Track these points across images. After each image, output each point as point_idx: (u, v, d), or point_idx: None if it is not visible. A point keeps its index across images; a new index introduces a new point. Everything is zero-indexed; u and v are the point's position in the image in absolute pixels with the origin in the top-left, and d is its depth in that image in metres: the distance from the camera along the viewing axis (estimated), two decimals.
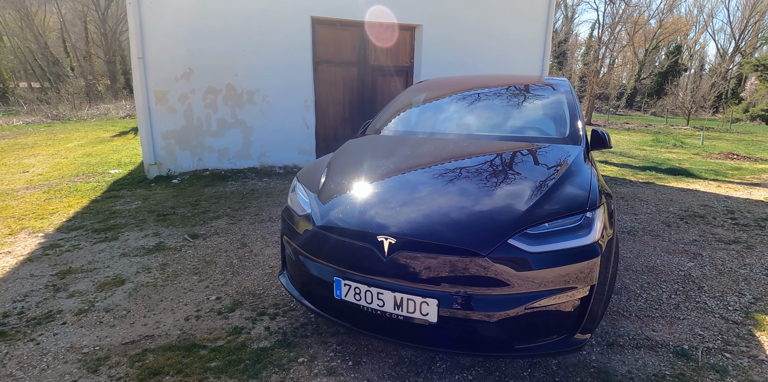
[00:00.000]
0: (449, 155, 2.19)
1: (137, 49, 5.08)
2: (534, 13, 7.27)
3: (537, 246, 1.54)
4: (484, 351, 1.59)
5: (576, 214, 1.65)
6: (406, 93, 3.20)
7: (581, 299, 1.62)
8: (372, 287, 1.64)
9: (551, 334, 1.61)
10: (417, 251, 1.57)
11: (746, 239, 3.72)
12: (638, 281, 2.81)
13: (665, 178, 6.87)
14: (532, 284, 1.53)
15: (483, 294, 1.53)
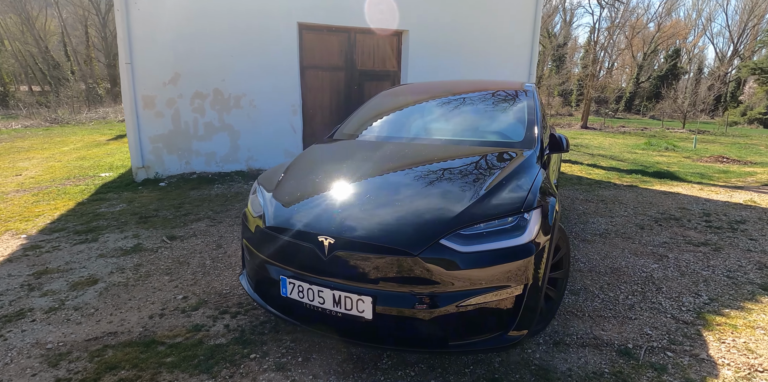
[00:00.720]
0: (400, 159, 2.27)
1: (125, 55, 5.19)
2: (521, 18, 7.38)
3: (469, 246, 1.62)
4: (419, 347, 1.66)
5: (511, 215, 1.72)
6: (375, 98, 3.29)
7: (515, 297, 1.69)
8: (313, 285, 1.72)
9: (486, 331, 1.68)
10: (354, 251, 1.64)
11: (716, 242, 3.78)
12: (599, 282, 2.87)
13: (650, 181, 6.93)
14: (464, 283, 1.60)
15: (415, 292, 1.61)
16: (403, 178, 2.03)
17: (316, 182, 2.07)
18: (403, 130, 2.78)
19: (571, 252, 3.44)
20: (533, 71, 7.80)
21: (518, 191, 1.86)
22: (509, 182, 1.92)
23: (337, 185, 2.01)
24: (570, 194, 5.69)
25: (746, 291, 2.77)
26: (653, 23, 35.01)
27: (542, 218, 1.79)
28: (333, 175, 2.12)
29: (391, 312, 1.62)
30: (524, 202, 1.78)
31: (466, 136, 2.62)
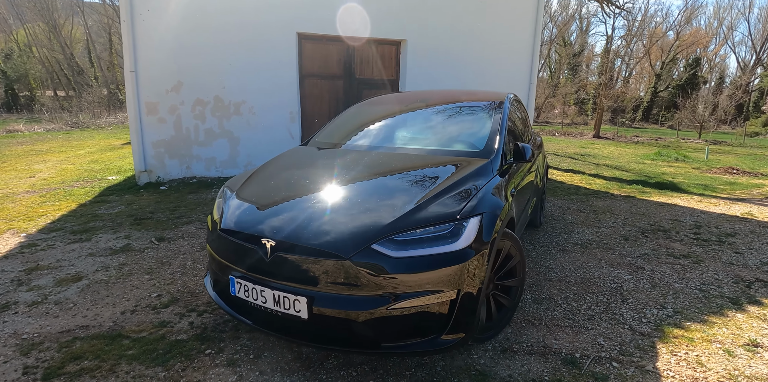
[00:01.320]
0: (356, 168, 2.36)
1: (130, 63, 5.45)
2: (521, 27, 7.43)
3: (401, 252, 1.69)
4: (352, 347, 1.74)
5: (447, 222, 1.79)
6: (353, 107, 3.40)
7: (449, 302, 1.75)
8: (257, 285, 1.81)
9: (419, 334, 1.74)
10: (292, 253, 1.74)
11: (699, 254, 3.74)
12: (565, 292, 2.89)
13: (649, 192, 6.84)
14: (395, 287, 1.67)
15: (348, 294, 1.68)
16: (353, 186, 2.12)
17: (271, 188, 2.18)
18: (371, 140, 2.87)
19: (546, 262, 3.46)
20: (533, 79, 7.82)
21: (459, 199, 1.92)
22: (453, 190, 1.99)
23: (288, 191, 2.11)
24: (563, 204, 5.68)
25: (714, 305, 2.75)
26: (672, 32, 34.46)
27: (482, 225, 1.85)
28: (288, 182, 2.23)
29: (326, 313, 1.70)
30: (462, 210, 1.85)
31: (429, 145, 2.70)
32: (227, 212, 2.08)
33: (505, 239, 2.13)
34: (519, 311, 2.59)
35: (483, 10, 7.07)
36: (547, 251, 3.71)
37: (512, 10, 7.27)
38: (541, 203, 4.48)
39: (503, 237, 2.11)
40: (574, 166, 9.88)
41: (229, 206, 2.13)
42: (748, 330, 2.42)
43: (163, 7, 5.46)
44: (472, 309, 1.81)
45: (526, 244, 3.89)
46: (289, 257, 1.74)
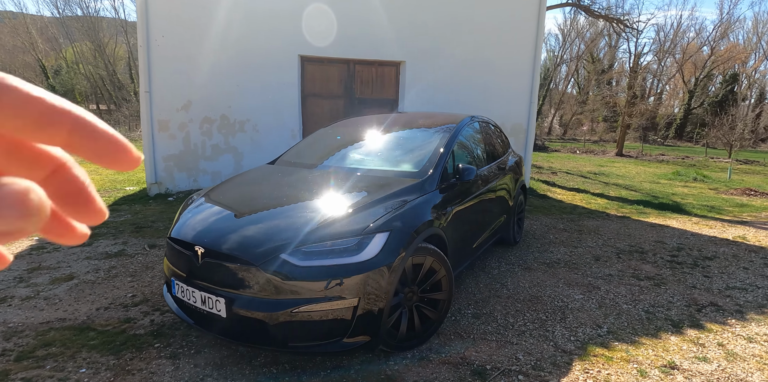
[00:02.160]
0: (297, 185, 2.62)
1: (145, 84, 6.00)
2: (521, 49, 7.60)
3: (307, 261, 1.92)
4: (263, 345, 1.96)
5: (353, 237, 2.01)
6: (323, 129, 3.69)
7: (351, 308, 1.95)
8: (189, 287, 2.08)
9: (322, 336, 1.95)
10: (216, 259, 2.00)
11: (665, 277, 3.75)
12: (508, 309, 3.00)
13: (648, 212, 6.75)
14: (300, 292, 1.90)
15: (259, 297, 1.92)
16: (284, 201, 2.37)
17: (217, 202, 2.47)
18: (325, 160, 3.13)
19: (504, 279, 3.56)
20: (534, 100, 7.93)
21: (372, 216, 2.14)
22: (371, 207, 2.21)
23: (228, 205, 2.39)
24: (551, 223, 5.73)
25: (653, 327, 2.79)
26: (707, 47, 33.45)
27: (389, 241, 2.05)
28: (232, 197, 2.52)
29: (241, 313, 1.94)
30: (369, 226, 2.06)
31: (374, 165, 2.93)
32: (178, 222, 2.38)
33: (426, 255, 2.31)
34: (455, 324, 2.73)
35: (482, 33, 7.30)
36: (511, 269, 3.82)
37: (512, 33, 7.47)
38: (517, 221, 4.59)
39: (423, 252, 2.30)
40: (581, 185, 9.80)
41: (181, 216, 2.43)
42: (673, 353, 2.47)
43: (175, 33, 6.02)
44: (376, 316, 2.00)
45: (492, 261, 4.01)
46: (214, 263, 2.01)
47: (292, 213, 2.23)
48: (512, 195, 4.20)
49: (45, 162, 0.25)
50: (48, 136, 0.23)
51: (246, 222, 2.17)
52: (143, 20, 5.87)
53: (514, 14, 7.44)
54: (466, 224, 3.03)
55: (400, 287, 2.24)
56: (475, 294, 3.22)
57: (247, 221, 2.19)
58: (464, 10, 7.17)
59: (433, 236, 2.44)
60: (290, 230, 2.05)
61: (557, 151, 20.34)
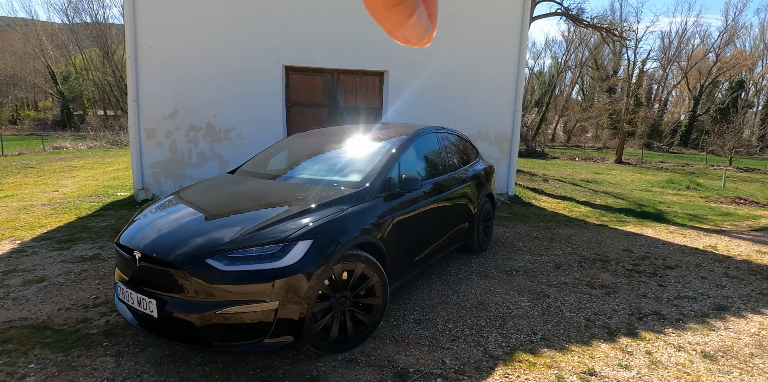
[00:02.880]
0: (239, 194, 2.77)
1: (133, 93, 6.23)
2: (504, 57, 7.71)
3: (230, 266, 2.06)
4: (191, 344, 2.09)
5: (277, 243, 2.14)
6: (283, 140, 3.85)
7: (273, 310, 2.08)
8: (128, 289, 2.23)
9: (245, 336, 2.08)
10: (149, 263, 2.15)
11: (619, 285, 3.82)
12: (451, 315, 3.10)
13: (628, 221, 6.80)
14: (223, 295, 2.04)
15: (185, 299, 2.06)
16: (221, 208, 2.53)
17: (164, 209, 2.63)
18: (277, 170, 3.28)
19: (458, 286, 3.67)
20: (518, 108, 8.03)
21: (299, 224, 2.27)
22: (300, 216, 2.34)
23: (172, 212, 2.55)
24: (526, 231, 5.81)
25: (588, 334, 2.88)
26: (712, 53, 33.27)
27: (313, 248, 2.18)
28: (178, 204, 2.68)
29: (170, 313, 2.08)
30: (293, 233, 2.19)
31: (319, 176, 3.07)
32: (127, 228, 2.54)
33: (357, 261, 2.44)
34: (394, 328, 2.85)
35: (465, 42, 7.45)
36: (468, 276, 3.92)
37: (496, 43, 7.60)
38: (485, 229, 4.69)
39: (354, 259, 2.42)
40: (570, 192, 9.85)
41: (131, 223, 2.59)
42: (598, 360, 2.56)
43: (162, 44, 6.25)
44: (298, 318, 2.13)
45: (453, 268, 4.11)
46: (148, 266, 2.16)
47: (226, 220, 2.38)
48: (475, 203, 4.31)
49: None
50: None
51: (181, 229, 2.32)
52: (131, 32, 6.12)
53: (496, 24, 7.59)
54: (414, 232, 3.15)
55: (331, 291, 2.37)
56: (425, 300, 3.33)
57: (182, 227, 2.34)
58: (447, 20, 7.33)
59: (367, 243, 2.56)
60: (219, 235, 2.19)
61: (556, 159, 20.35)
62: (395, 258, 2.86)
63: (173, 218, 2.49)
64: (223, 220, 2.39)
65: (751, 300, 3.57)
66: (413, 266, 3.19)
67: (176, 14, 6.28)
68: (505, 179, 8.28)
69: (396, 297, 3.36)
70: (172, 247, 2.17)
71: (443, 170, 3.80)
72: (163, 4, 6.23)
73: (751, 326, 3.08)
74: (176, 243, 2.19)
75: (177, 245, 2.17)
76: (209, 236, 2.21)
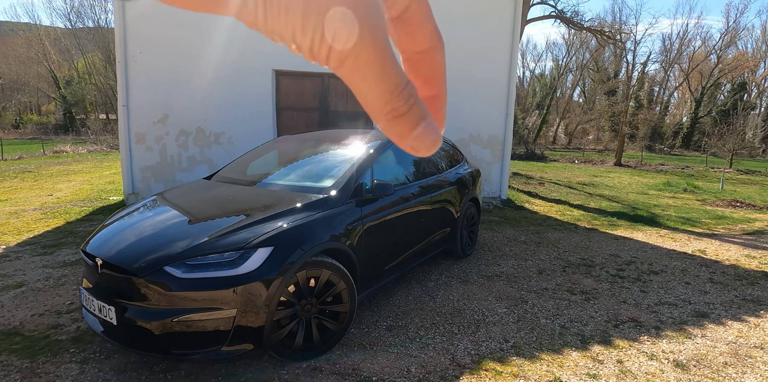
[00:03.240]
0: (209, 200, 2.77)
1: (123, 99, 6.26)
2: (496, 61, 7.70)
3: (188, 273, 2.05)
4: (149, 351, 2.09)
5: (237, 250, 2.14)
6: (260, 146, 3.86)
7: (231, 318, 2.07)
8: (90, 296, 2.23)
9: (203, 344, 2.07)
10: (111, 270, 2.15)
11: (600, 291, 3.78)
12: (425, 322, 3.07)
13: (619, 225, 6.75)
14: (180, 302, 2.03)
15: (143, 306, 2.06)
16: (188, 214, 2.53)
17: (132, 215, 2.63)
18: (251, 176, 3.29)
19: (436, 292, 3.64)
20: (510, 112, 8.01)
21: (260, 230, 2.27)
22: (264, 222, 2.34)
23: (137, 219, 2.55)
24: (514, 235, 5.78)
25: (560, 342, 2.84)
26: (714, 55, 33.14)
27: (273, 255, 2.17)
28: (145, 212, 2.68)
29: (129, 320, 2.08)
30: (253, 240, 2.19)
31: (291, 181, 3.07)
32: (94, 235, 2.55)
33: (322, 268, 2.43)
34: (365, 335, 2.83)
35: (457, 46, 7.45)
36: (448, 282, 3.89)
37: (487, 46, 7.60)
38: (469, 234, 4.67)
39: (319, 266, 2.41)
40: (564, 196, 9.80)
41: (99, 230, 2.59)
42: (566, 369, 2.53)
43: (152, 50, 6.29)
44: (257, 326, 2.12)
45: (434, 273, 4.09)
46: (109, 273, 2.16)
47: (190, 228, 2.38)
48: (458, 208, 4.29)
49: (433, 85, 0.31)
50: (434, 72, 0.31)
51: (143, 236, 2.32)
52: (121, 37, 6.16)
53: (488, 27, 7.59)
54: (388, 238, 3.13)
55: (296, 298, 2.36)
56: (400, 306, 3.31)
57: (145, 234, 2.34)
58: (438, 23, 7.32)
59: (334, 250, 2.55)
60: (180, 243, 2.19)
61: (556, 161, 20.27)
62: (367, 264, 2.85)
63: (138, 225, 2.49)
64: (186, 227, 2.39)
65: (733, 307, 3.53)
66: (387, 272, 3.18)
67: (166, 19, 6.32)
68: (497, 183, 8.26)
69: (372, 303, 3.35)
70: (132, 254, 2.17)
71: (422, 175, 3.79)
72: (152, 9, 6.27)
73: (729, 333, 3.04)
74: (136, 251, 2.19)
75: (136, 253, 2.17)
76: (169, 244, 2.20)
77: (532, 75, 38.88)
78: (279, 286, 2.17)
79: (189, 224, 2.41)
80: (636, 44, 20.00)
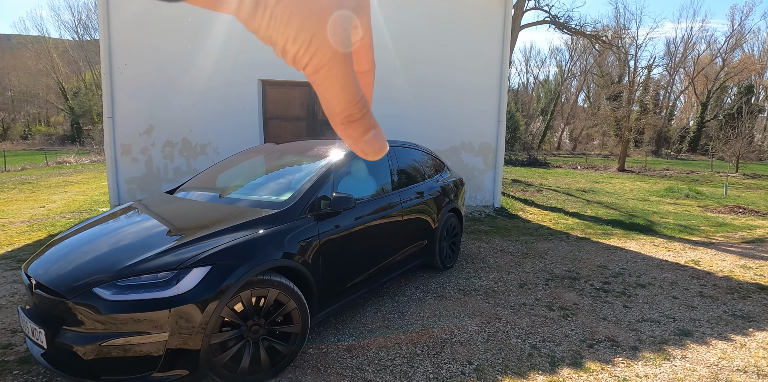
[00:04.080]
0: (159, 215, 2.69)
1: (108, 110, 6.27)
2: (487, 66, 7.60)
3: (118, 295, 1.96)
4: (80, 376, 1.99)
5: (170, 270, 2.04)
6: (228, 158, 3.79)
7: (159, 342, 1.97)
8: (25, 317, 2.15)
9: (134, 370, 1.97)
10: (42, 291, 2.07)
11: (581, 307, 3.62)
12: (388, 340, 2.93)
13: (614, 233, 6.57)
14: (109, 326, 1.94)
15: (73, 329, 1.97)
16: (128, 232, 2.45)
17: (76, 233, 2.56)
18: (212, 190, 3.21)
19: (407, 308, 3.51)
20: (502, 119, 7.89)
21: (199, 248, 2.17)
22: (204, 239, 2.24)
23: (81, 237, 2.47)
24: (501, 246, 5.63)
25: (528, 364, 2.69)
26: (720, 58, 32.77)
27: (210, 275, 2.07)
28: (93, 227, 2.61)
29: (59, 344, 2.00)
30: (189, 259, 2.09)
31: (248, 195, 2.98)
32: (37, 254, 2.47)
33: (269, 287, 2.32)
34: (323, 356, 2.71)
35: (446, 51, 7.38)
36: (422, 297, 3.76)
37: (477, 51, 7.51)
38: (450, 245, 4.54)
39: (266, 285, 2.31)
40: (562, 203, 9.62)
41: (44, 248, 2.52)
42: None
43: (137, 62, 6.30)
44: (193, 350, 2.01)
45: (410, 287, 3.96)
46: (40, 294, 2.08)
47: (127, 246, 2.29)
48: (436, 219, 4.17)
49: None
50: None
51: (78, 256, 2.25)
52: (106, 49, 6.18)
53: (478, 33, 7.51)
54: (351, 252, 3.02)
55: (241, 319, 2.25)
56: (366, 324, 3.18)
57: (80, 254, 2.26)
58: (427, 28, 7.28)
59: (284, 268, 2.45)
60: (113, 263, 2.11)
61: (558, 167, 20.04)
62: (325, 282, 2.74)
63: (77, 243, 2.41)
64: (124, 246, 2.30)
65: (720, 323, 3.35)
66: (351, 288, 3.06)
67: (150, 30, 6.34)
68: (490, 191, 8.11)
69: (338, 319, 3.23)
70: (63, 275, 2.09)
71: (396, 185, 3.68)
72: (136, 20, 6.30)
73: (711, 354, 2.86)
74: (68, 271, 2.11)
75: (68, 274, 2.09)
76: (103, 264, 2.12)
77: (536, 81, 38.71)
78: (216, 308, 2.07)
79: (129, 243, 2.33)
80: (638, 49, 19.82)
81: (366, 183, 3.45)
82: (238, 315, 2.24)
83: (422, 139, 7.26)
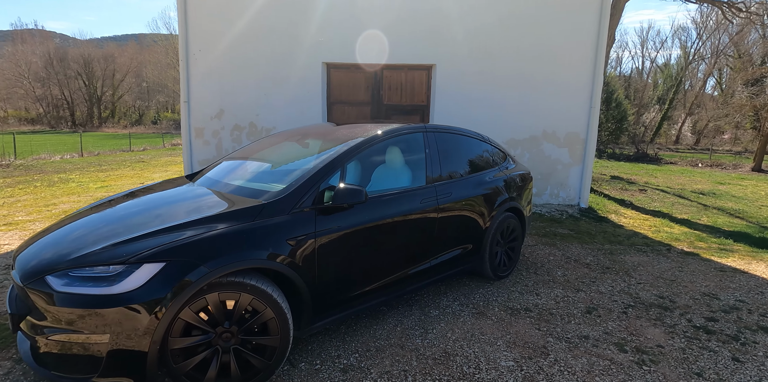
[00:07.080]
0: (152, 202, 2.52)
1: (184, 95, 6.58)
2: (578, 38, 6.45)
3: (65, 287, 1.78)
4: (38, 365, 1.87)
5: (120, 264, 1.80)
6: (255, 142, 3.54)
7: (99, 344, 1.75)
8: (6, 299, 2.11)
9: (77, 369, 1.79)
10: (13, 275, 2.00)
11: (666, 352, 2.72)
12: (395, 365, 2.44)
13: (735, 250, 5.18)
14: (55, 319, 1.77)
15: (30, 318, 1.87)
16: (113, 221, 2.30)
17: (72, 218, 2.49)
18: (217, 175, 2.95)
19: (436, 325, 2.97)
20: (596, 104, 6.68)
21: (155, 241, 1.90)
22: (167, 232, 1.97)
23: (72, 221, 2.38)
24: (578, 255, 4.72)
25: None
26: None
27: (164, 272, 1.79)
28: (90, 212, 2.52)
29: (21, 331, 1.92)
30: (141, 253, 1.83)
31: (245, 183, 2.67)
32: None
33: (240, 291, 1.99)
34: (311, 374, 2.33)
35: (528, 22, 6.41)
36: (457, 312, 3.17)
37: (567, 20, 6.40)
38: (506, 251, 3.86)
39: (236, 288, 1.98)
40: (669, 207, 8.02)
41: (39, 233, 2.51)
42: None
43: (210, 48, 6.49)
44: (138, 356, 1.77)
45: (447, 298, 3.40)
46: (12, 278, 2.02)
47: (102, 232, 2.12)
48: (487, 219, 3.51)
49: None
50: None
51: (52, 241, 2.14)
52: (183, 36, 6.45)
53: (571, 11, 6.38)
54: (359, 255, 2.55)
55: (208, 325, 1.97)
56: (378, 339, 2.73)
57: (55, 239, 2.15)
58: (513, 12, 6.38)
59: (264, 269, 2.11)
60: (72, 250, 1.95)
61: (672, 164, 17.12)
62: (323, 288, 2.35)
63: (62, 228, 2.32)
64: (94, 232, 2.15)
65: None
66: (361, 297, 2.62)
67: (221, 17, 6.46)
68: (576, 188, 7.00)
69: (349, 328, 2.83)
70: (28, 260, 1.99)
71: (430, 178, 3.11)
72: (211, 9, 6.46)
73: None
74: (34, 256, 2.01)
75: (32, 258, 1.99)
76: (64, 251, 1.98)
77: (653, 65, 33.60)
78: (168, 311, 1.79)
79: (102, 229, 2.17)
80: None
81: (391, 173, 2.96)
82: (204, 320, 1.96)
83: (495, 128, 6.46)
